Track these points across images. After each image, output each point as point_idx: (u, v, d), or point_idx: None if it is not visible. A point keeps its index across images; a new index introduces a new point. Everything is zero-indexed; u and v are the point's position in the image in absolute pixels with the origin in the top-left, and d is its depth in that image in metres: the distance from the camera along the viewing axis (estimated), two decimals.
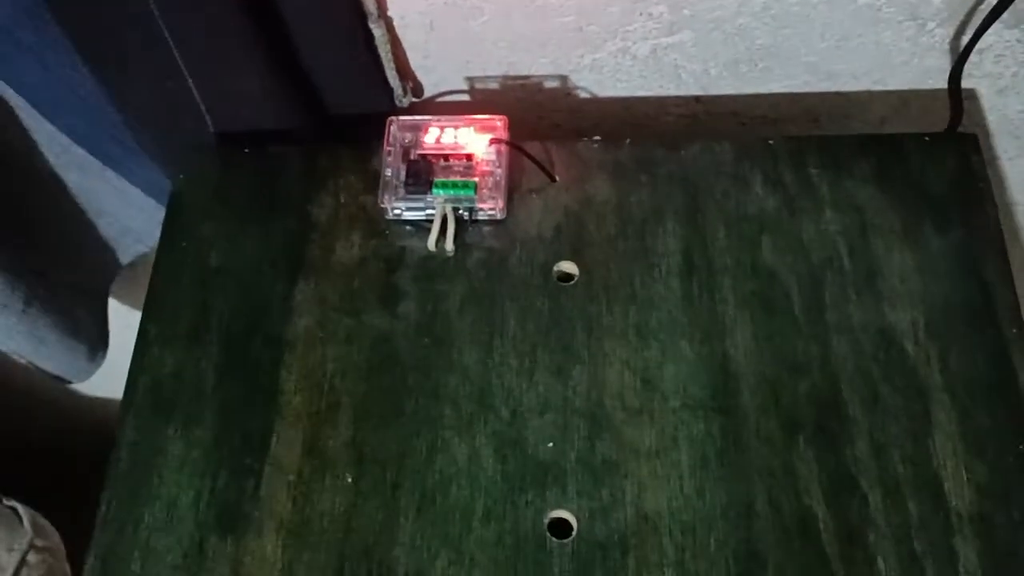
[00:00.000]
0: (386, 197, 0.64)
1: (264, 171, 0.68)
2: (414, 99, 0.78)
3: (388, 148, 0.66)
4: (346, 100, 0.76)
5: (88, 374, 0.98)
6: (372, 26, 0.70)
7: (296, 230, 0.66)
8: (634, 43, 0.74)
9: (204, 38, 0.64)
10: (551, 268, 0.63)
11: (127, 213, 0.91)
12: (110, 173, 0.85)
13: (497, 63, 0.77)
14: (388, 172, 0.65)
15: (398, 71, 0.75)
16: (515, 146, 0.65)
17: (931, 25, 0.72)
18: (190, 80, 0.68)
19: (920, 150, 0.66)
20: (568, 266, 0.63)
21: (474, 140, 0.65)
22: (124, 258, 0.97)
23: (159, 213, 0.87)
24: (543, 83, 0.80)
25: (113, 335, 0.95)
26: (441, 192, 0.63)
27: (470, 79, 0.79)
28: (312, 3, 0.66)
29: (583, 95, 0.81)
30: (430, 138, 0.66)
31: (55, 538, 0.94)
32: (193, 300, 0.63)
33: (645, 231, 0.64)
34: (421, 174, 0.64)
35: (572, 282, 0.63)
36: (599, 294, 0.62)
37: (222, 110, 0.71)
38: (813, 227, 0.63)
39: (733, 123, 0.84)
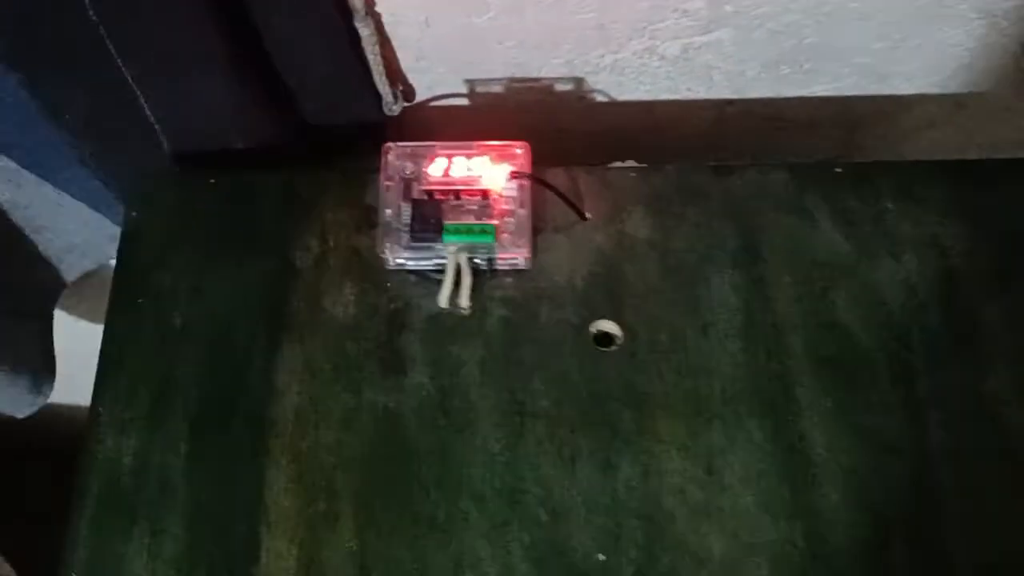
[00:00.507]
0: (387, 245, 0.53)
1: (234, 205, 0.56)
2: (405, 103, 0.67)
3: (386, 183, 0.54)
4: (326, 109, 0.64)
5: (33, 407, 0.87)
6: (358, 24, 0.58)
7: (276, 280, 0.54)
8: (663, 42, 0.64)
9: (153, 40, 0.52)
10: (587, 327, 0.53)
11: (69, 228, 0.79)
12: (48, 187, 0.72)
13: (503, 64, 0.66)
14: (388, 212, 0.53)
15: (387, 74, 0.63)
16: (541, 181, 0.54)
17: (1004, 24, 0.62)
18: (137, 90, 0.56)
19: (1010, 178, 0.56)
20: (608, 326, 0.53)
21: (490, 172, 0.54)
22: (69, 276, 0.86)
23: (106, 226, 0.76)
24: (554, 85, 0.69)
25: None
26: (454, 239, 0.52)
27: (470, 81, 0.68)
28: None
29: (600, 98, 0.70)
30: (436, 169, 0.54)
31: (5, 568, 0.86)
32: (154, 372, 0.52)
33: (696, 279, 0.54)
34: (428, 217, 0.53)
35: (613, 345, 0.52)
36: (646, 360, 0.52)
37: (178, 126, 0.59)
38: (891, 273, 0.54)
39: (767, 128, 0.74)
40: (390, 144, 0.55)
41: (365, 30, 0.59)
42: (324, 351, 0.52)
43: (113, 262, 0.88)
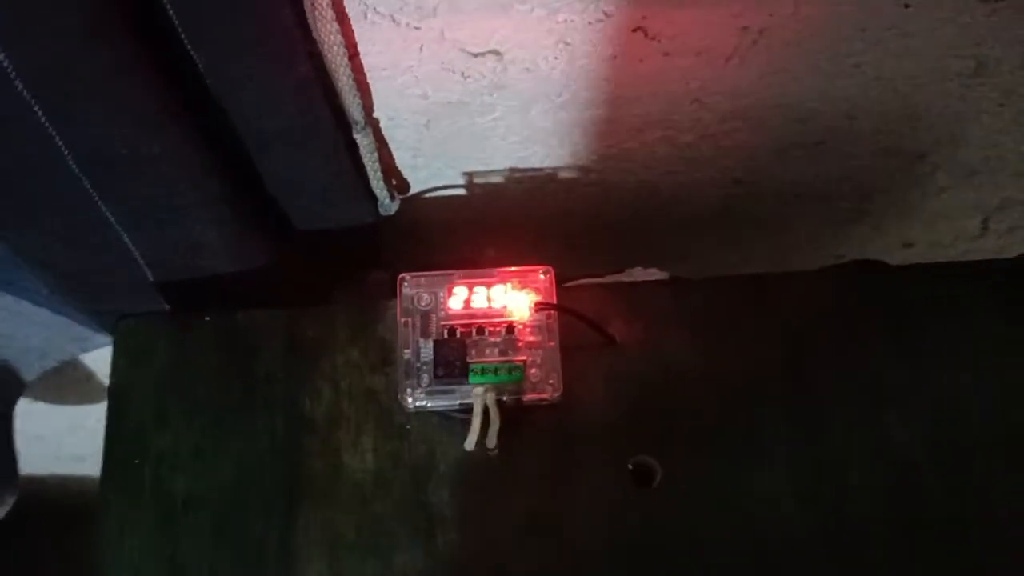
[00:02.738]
0: (408, 390, 0.49)
1: (233, 349, 0.51)
2: (400, 197, 0.62)
3: (403, 319, 0.50)
4: (320, 219, 0.60)
5: None
6: (357, 136, 0.54)
7: (286, 433, 0.50)
8: (677, 132, 0.60)
9: (140, 187, 0.47)
10: (625, 463, 0.49)
11: (27, 332, 0.73)
12: (8, 298, 0.67)
13: (503, 157, 0.62)
14: (407, 353, 0.49)
15: (383, 174, 0.59)
16: (570, 311, 0.50)
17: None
18: (121, 231, 0.50)
19: None
20: (647, 460, 0.49)
21: (514, 302, 0.50)
22: (29, 376, 0.80)
23: (69, 328, 0.70)
24: (558, 173, 0.65)
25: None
26: (481, 380, 0.48)
27: (469, 174, 0.64)
28: (283, 123, 0.50)
29: (604, 183, 0.67)
30: (456, 302, 0.50)
31: None
32: (158, 552, 0.47)
33: (738, 408, 0.51)
34: (452, 358, 0.49)
35: (654, 483, 0.49)
36: (690, 499, 0.48)
37: (165, 261, 0.53)
38: (942, 390, 0.51)
39: (774, 202, 0.71)
40: (405, 275, 0.51)
41: (364, 140, 0.54)
42: (345, 514, 0.48)
43: (77, 358, 0.83)
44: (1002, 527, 0.48)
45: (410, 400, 0.49)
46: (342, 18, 0.46)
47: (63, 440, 1.13)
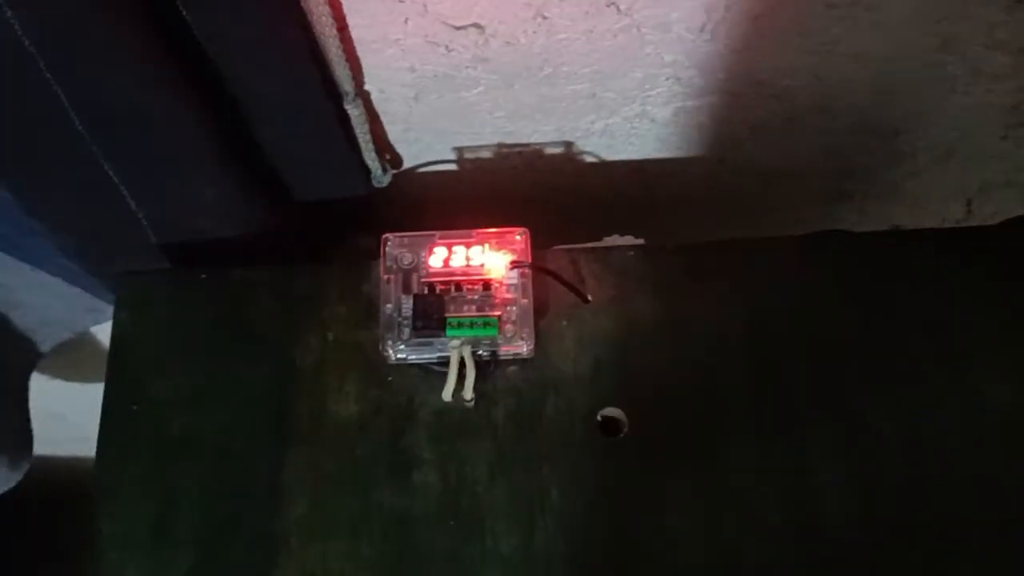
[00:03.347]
0: (388, 342, 0.52)
1: (229, 303, 0.55)
2: (393, 171, 0.66)
3: (386, 276, 0.53)
4: (314, 187, 0.63)
5: (12, 482, 0.86)
6: (348, 107, 0.57)
7: (276, 380, 0.53)
8: (655, 107, 0.63)
9: (142, 146, 0.51)
10: (594, 416, 0.52)
11: (44, 302, 0.77)
12: (24, 267, 0.70)
13: (492, 132, 0.65)
14: (388, 308, 0.52)
15: (375, 147, 0.62)
16: (542, 269, 0.53)
17: (1000, 87, 0.62)
18: (123, 189, 0.54)
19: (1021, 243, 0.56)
20: (614, 412, 0.52)
21: (491, 261, 0.53)
22: (44, 347, 0.84)
23: (83, 299, 0.74)
24: (544, 149, 0.68)
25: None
26: (457, 334, 0.51)
27: (459, 148, 0.67)
28: (277, 92, 0.53)
29: (590, 159, 0.69)
30: (436, 260, 0.53)
31: None
32: (153, 485, 0.50)
33: (702, 362, 0.53)
34: (431, 312, 0.51)
35: (621, 434, 0.52)
36: (657, 450, 0.51)
37: (165, 220, 0.57)
38: (901, 352, 0.53)
39: (757, 181, 0.74)
40: (388, 235, 0.54)
41: (355, 111, 0.58)
42: (329, 455, 0.51)
43: (90, 330, 0.87)
44: (962, 484, 0.50)
45: (391, 352, 0.52)
46: None
47: (83, 420, 1.16)
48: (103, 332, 0.90)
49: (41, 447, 0.86)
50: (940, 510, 0.49)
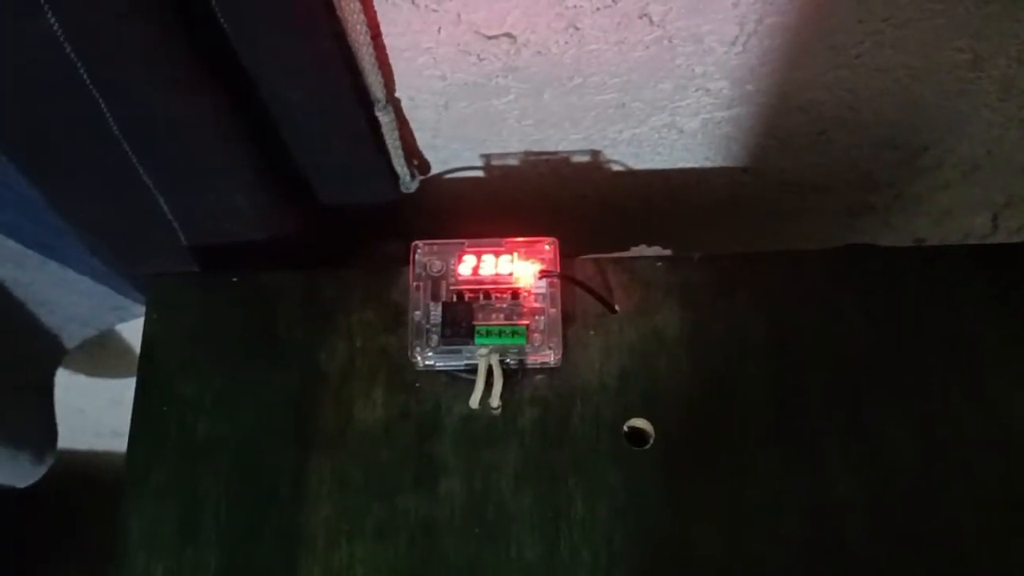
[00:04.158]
0: (417, 348, 0.52)
1: (258, 306, 0.55)
2: (421, 177, 0.66)
3: (415, 283, 0.53)
4: (343, 192, 0.63)
5: (36, 476, 0.87)
6: (379, 114, 0.57)
7: (303, 385, 0.53)
8: (683, 118, 0.63)
9: (176, 152, 0.51)
10: (620, 426, 0.52)
11: (71, 300, 0.78)
12: (53, 265, 0.71)
13: (520, 140, 0.66)
14: (417, 315, 0.53)
15: (404, 153, 0.62)
16: (571, 279, 0.53)
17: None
18: (157, 193, 0.54)
19: None
20: (641, 423, 0.52)
21: (519, 270, 0.53)
22: (70, 343, 0.85)
23: (109, 297, 0.75)
24: (571, 158, 0.68)
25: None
26: (485, 342, 0.51)
27: (486, 156, 0.67)
28: (309, 99, 0.53)
29: (617, 168, 0.70)
30: (465, 268, 0.53)
31: None
32: (181, 485, 0.51)
33: (726, 374, 0.53)
34: (460, 319, 0.52)
35: (647, 445, 0.52)
36: (682, 461, 0.51)
37: (197, 225, 0.57)
38: (920, 366, 0.53)
39: (782, 192, 0.74)
40: (418, 242, 0.54)
41: (385, 118, 0.58)
42: (355, 460, 0.51)
43: (116, 328, 0.87)
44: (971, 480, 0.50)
45: (419, 359, 0.52)
46: (365, 0, 0.50)
47: (103, 415, 1.17)
48: (126, 329, 0.91)
49: (60, 441, 0.87)
50: (958, 523, 0.49)
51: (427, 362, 0.52)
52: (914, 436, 0.51)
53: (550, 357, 0.52)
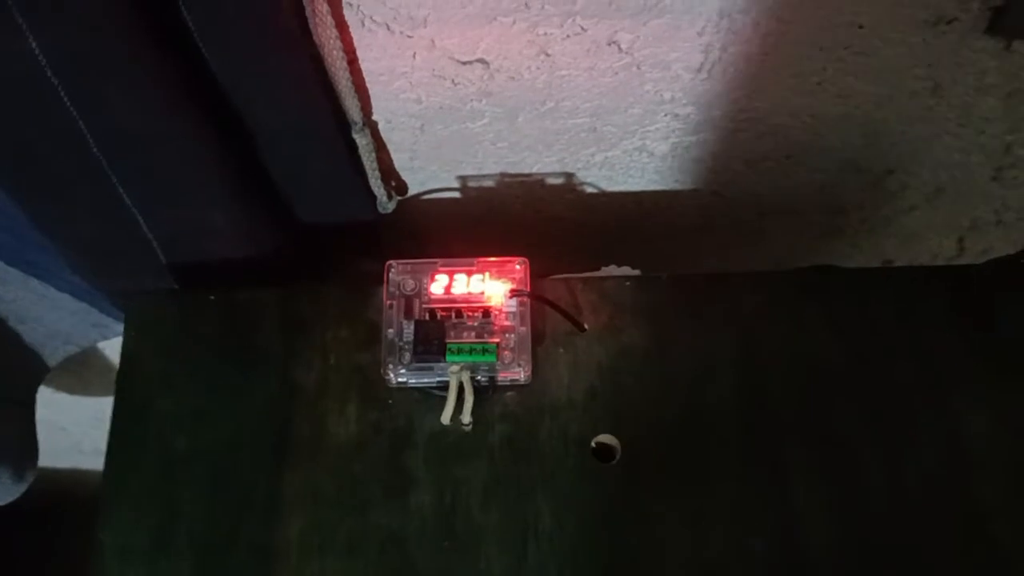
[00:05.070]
0: (390, 366, 0.53)
1: (235, 323, 0.56)
2: (398, 198, 0.67)
3: (389, 301, 0.54)
4: (321, 212, 0.65)
5: (16, 494, 0.86)
6: (356, 136, 0.59)
7: (278, 399, 0.54)
8: (653, 142, 0.65)
9: (156, 171, 0.52)
10: (588, 442, 0.53)
11: (53, 317, 0.79)
12: (34, 282, 0.72)
13: (495, 162, 0.67)
14: (390, 332, 0.54)
15: (381, 175, 0.63)
16: (541, 298, 0.55)
17: (991, 130, 0.64)
18: (136, 212, 0.56)
19: (1003, 282, 0.57)
20: (608, 439, 0.54)
21: (491, 289, 0.55)
22: (52, 360, 0.86)
23: (91, 315, 0.76)
24: (546, 180, 0.70)
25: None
26: (456, 359, 0.53)
27: (462, 177, 0.69)
28: (287, 120, 0.55)
29: (590, 190, 0.71)
30: (438, 287, 0.55)
31: None
32: (157, 497, 0.52)
33: (693, 392, 0.55)
34: (431, 337, 0.53)
35: (614, 460, 0.53)
36: (648, 477, 0.52)
37: (176, 243, 0.59)
38: (885, 382, 0.54)
39: (750, 214, 0.75)
40: (392, 262, 0.56)
41: (362, 140, 0.59)
42: (328, 473, 0.52)
43: (98, 346, 0.88)
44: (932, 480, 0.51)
45: (392, 375, 0.53)
46: (341, 25, 0.51)
47: (85, 433, 1.18)
48: (109, 348, 0.91)
49: (42, 459, 0.87)
50: (920, 535, 0.51)
51: (400, 379, 0.53)
52: (878, 451, 0.53)
53: (520, 374, 0.54)
